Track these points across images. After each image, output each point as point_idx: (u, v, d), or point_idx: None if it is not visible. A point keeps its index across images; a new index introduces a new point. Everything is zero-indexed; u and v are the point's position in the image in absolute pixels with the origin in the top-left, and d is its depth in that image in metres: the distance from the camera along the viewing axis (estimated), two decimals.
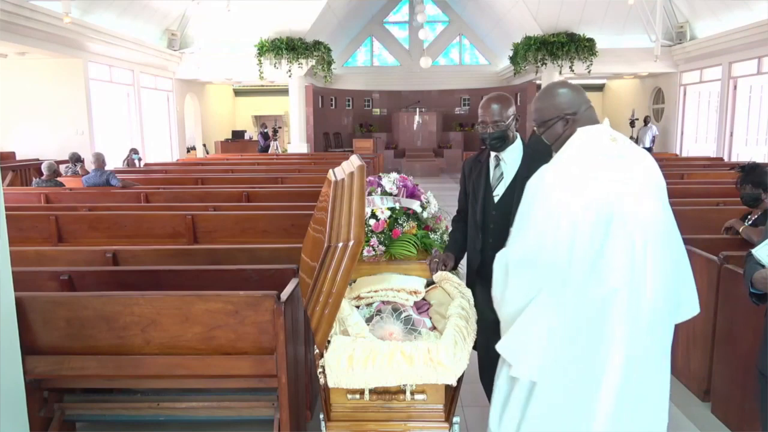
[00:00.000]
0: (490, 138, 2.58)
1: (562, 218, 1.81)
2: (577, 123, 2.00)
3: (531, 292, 1.87)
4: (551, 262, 1.83)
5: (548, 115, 2.05)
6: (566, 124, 2.02)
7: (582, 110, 2.02)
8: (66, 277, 3.16)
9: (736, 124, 12.92)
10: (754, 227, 3.71)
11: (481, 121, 2.58)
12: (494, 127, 2.55)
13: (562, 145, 2.02)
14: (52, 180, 7.44)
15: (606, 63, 14.54)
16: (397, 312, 2.50)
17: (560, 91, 2.05)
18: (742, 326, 2.88)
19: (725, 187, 6.21)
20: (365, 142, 16.72)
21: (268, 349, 2.64)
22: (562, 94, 2.04)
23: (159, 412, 2.97)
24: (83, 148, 10.65)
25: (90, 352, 2.67)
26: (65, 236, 5.18)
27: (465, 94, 19.40)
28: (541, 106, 2.07)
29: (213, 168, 10.12)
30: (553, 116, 2.03)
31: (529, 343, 1.87)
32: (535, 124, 2.10)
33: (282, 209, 5.41)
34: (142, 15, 12.98)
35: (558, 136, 2.05)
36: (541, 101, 2.08)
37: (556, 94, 2.05)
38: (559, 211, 1.81)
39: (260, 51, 14.74)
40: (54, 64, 11.28)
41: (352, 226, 2.01)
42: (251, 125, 21.82)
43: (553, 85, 2.10)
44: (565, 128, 2.02)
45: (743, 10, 11.60)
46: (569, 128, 2.01)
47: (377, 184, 3.08)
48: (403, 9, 19.29)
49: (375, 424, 2.29)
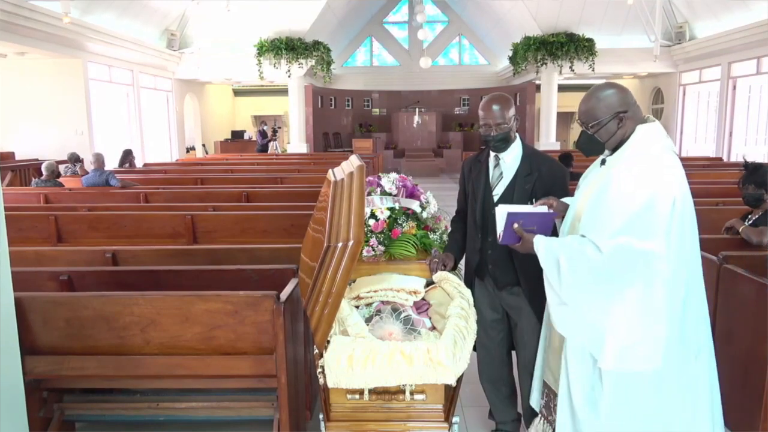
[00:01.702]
0: (494, 140, 2.59)
1: (676, 209, 1.95)
2: (629, 120, 2.10)
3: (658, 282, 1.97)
4: (675, 252, 1.97)
5: (601, 115, 2.11)
6: (620, 123, 2.10)
7: (632, 108, 2.11)
8: (65, 277, 3.16)
9: (735, 124, 12.93)
10: (754, 227, 3.71)
11: (484, 123, 2.59)
12: (498, 130, 2.57)
13: (616, 142, 2.13)
14: (51, 180, 7.43)
15: (605, 63, 14.53)
16: (397, 312, 2.50)
17: (610, 92, 2.13)
18: (742, 326, 2.88)
19: (725, 187, 6.21)
20: (365, 142, 16.72)
21: (268, 349, 2.64)
22: (613, 93, 2.12)
23: (159, 412, 2.97)
24: (83, 149, 10.65)
25: (89, 352, 2.67)
26: (65, 236, 5.17)
27: (464, 94, 19.40)
28: (593, 105, 2.13)
29: (212, 168, 10.12)
30: (606, 115, 2.10)
31: (654, 330, 1.97)
32: (585, 124, 2.16)
33: (282, 209, 5.40)
34: (141, 15, 12.98)
35: (612, 134, 2.12)
36: (592, 102, 2.14)
37: (606, 94, 2.12)
38: (670, 205, 1.95)
39: (260, 51, 14.73)
40: (53, 64, 11.27)
41: (351, 226, 2.01)
42: (251, 125, 21.81)
43: (601, 86, 2.17)
44: (619, 126, 2.10)
45: (742, 11, 11.60)
46: (623, 126, 2.10)
47: (377, 184, 3.08)
48: (403, 9, 19.28)
49: (374, 424, 2.29)
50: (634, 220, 1.95)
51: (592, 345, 2.05)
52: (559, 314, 2.13)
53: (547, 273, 2.11)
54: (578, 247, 2.04)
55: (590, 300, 2.03)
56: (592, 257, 1.99)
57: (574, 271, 2.03)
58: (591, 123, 2.14)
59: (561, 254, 2.06)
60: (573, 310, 2.07)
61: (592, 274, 2.00)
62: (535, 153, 2.72)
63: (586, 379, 2.10)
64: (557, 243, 2.13)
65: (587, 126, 2.15)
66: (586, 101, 2.17)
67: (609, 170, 2.12)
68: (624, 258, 1.95)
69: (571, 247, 2.06)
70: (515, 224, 2.22)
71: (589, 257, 1.99)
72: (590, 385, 2.09)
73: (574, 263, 2.03)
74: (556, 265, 2.06)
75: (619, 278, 1.97)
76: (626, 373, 2.02)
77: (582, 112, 2.18)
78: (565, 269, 2.04)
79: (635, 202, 1.95)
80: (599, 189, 2.09)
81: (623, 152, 2.11)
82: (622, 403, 2.04)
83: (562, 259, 2.05)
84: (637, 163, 2.02)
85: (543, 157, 2.73)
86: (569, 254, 2.05)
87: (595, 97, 2.14)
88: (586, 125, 2.16)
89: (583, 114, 2.17)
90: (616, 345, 1.99)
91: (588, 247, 2.01)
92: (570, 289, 2.05)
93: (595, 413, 2.07)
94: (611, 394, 2.04)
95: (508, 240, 2.25)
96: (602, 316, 2.01)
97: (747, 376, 2.86)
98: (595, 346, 2.04)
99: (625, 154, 2.10)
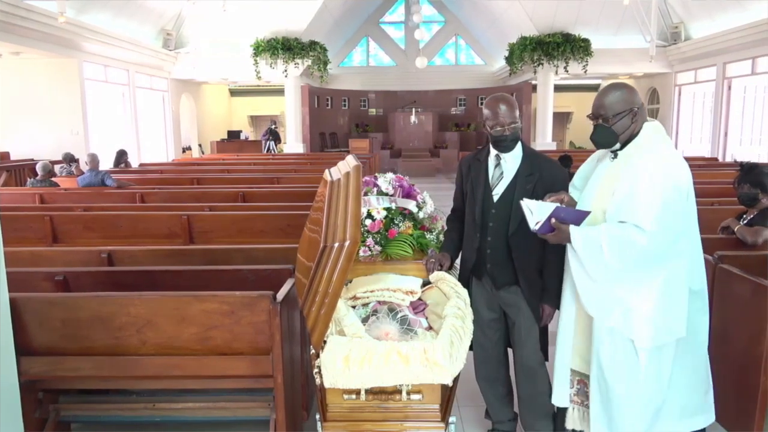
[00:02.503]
0: (508, 140, 2.60)
1: (689, 200, 2.21)
2: (639, 117, 2.27)
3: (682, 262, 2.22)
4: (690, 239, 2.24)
5: (619, 108, 2.25)
6: (633, 117, 2.26)
7: (641, 107, 2.28)
8: (61, 277, 3.15)
9: (730, 124, 12.97)
10: (749, 227, 3.73)
11: (496, 124, 2.58)
12: (510, 130, 2.58)
13: (627, 137, 2.28)
14: (46, 180, 7.41)
15: (601, 63, 14.57)
16: (393, 312, 2.50)
17: (625, 89, 2.29)
18: (737, 326, 2.89)
19: (720, 187, 6.23)
20: (361, 142, 16.71)
21: (264, 349, 2.63)
22: (627, 91, 2.29)
23: (155, 413, 2.96)
24: (78, 149, 10.61)
25: (85, 352, 2.66)
26: (60, 237, 5.16)
27: (461, 94, 19.42)
28: (613, 100, 2.26)
29: (209, 168, 10.10)
30: (624, 109, 2.25)
31: (680, 303, 2.20)
32: (603, 117, 2.28)
33: (278, 209, 5.40)
34: (137, 15, 12.94)
35: (626, 128, 2.27)
36: (610, 96, 2.27)
37: (622, 90, 2.28)
38: (686, 195, 2.19)
39: (256, 51, 14.71)
40: (49, 64, 11.23)
41: (348, 226, 2.02)
42: (247, 125, 21.78)
43: (616, 84, 2.33)
44: (633, 121, 2.26)
45: (737, 11, 11.64)
46: (635, 122, 2.26)
47: (373, 184, 3.08)
48: (399, 9, 19.30)
49: (371, 424, 2.29)
50: (668, 206, 2.12)
51: (629, 328, 2.22)
52: (593, 300, 2.28)
53: (587, 259, 2.21)
54: (621, 231, 2.17)
55: (630, 280, 2.20)
56: (638, 240, 2.13)
57: (615, 252, 2.15)
58: (610, 115, 2.26)
59: (604, 239, 2.17)
60: (609, 295, 2.23)
61: (639, 256, 2.14)
62: (535, 154, 2.72)
63: (620, 356, 2.26)
64: (594, 230, 2.22)
65: (606, 119, 2.27)
66: (604, 96, 2.29)
67: (628, 162, 2.25)
68: (664, 239, 2.13)
69: (614, 232, 2.18)
70: (552, 219, 2.27)
71: (635, 239, 2.13)
72: (623, 361, 2.26)
73: (619, 245, 2.15)
74: (599, 250, 2.17)
75: (657, 259, 2.16)
76: (657, 346, 2.21)
77: (599, 106, 2.30)
78: (609, 252, 2.16)
79: (666, 190, 2.13)
80: (628, 178, 2.21)
81: (636, 146, 2.27)
82: (654, 373, 2.24)
83: (606, 243, 2.16)
84: (660, 156, 2.20)
85: (543, 158, 2.74)
86: (613, 238, 2.16)
87: (613, 92, 2.28)
88: (604, 118, 2.27)
89: (601, 107, 2.29)
90: (650, 324, 2.18)
91: (632, 230, 2.15)
92: (611, 271, 2.19)
93: (629, 386, 2.25)
94: (646, 366, 2.23)
95: (544, 230, 2.30)
96: (639, 297, 2.19)
97: (743, 376, 2.86)
98: (631, 329, 2.22)
99: (640, 148, 2.25)
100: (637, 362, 2.24)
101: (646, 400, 2.26)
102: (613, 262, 2.17)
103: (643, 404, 2.26)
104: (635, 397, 2.26)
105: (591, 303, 2.29)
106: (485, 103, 2.66)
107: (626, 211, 2.19)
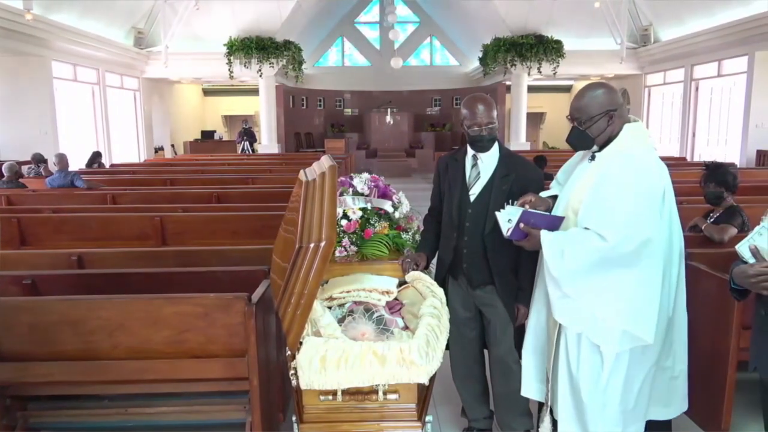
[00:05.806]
0: (485, 140, 2.61)
1: (665, 202, 2.19)
2: (617, 119, 2.24)
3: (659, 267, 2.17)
4: (665, 240, 2.18)
5: (594, 112, 2.23)
6: (609, 120, 2.23)
7: (620, 108, 2.25)
8: (29, 281, 3.07)
9: (698, 124, 13.29)
10: (715, 225, 3.82)
11: (474, 124, 2.59)
12: (488, 130, 2.59)
13: (605, 139, 2.26)
14: (13, 182, 7.22)
15: (573, 65, 14.76)
16: (370, 312, 2.51)
17: (602, 91, 2.26)
18: (706, 324, 2.96)
19: (688, 186, 6.36)
20: (337, 143, 16.66)
21: (240, 351, 2.61)
22: (604, 93, 2.26)
23: (127, 418, 2.90)
24: (47, 149, 10.34)
25: (55, 358, 2.60)
26: (28, 239, 5.04)
27: (436, 94, 19.51)
28: (587, 103, 2.25)
29: (182, 168, 9.96)
30: (599, 112, 2.23)
31: (649, 309, 2.15)
32: (578, 120, 2.27)
33: (253, 210, 5.35)
34: (108, 13, 12.68)
35: (602, 130, 2.25)
36: (586, 99, 2.26)
37: (599, 93, 2.26)
38: (661, 196, 2.18)
39: (230, 50, 14.55)
40: (15, 62, 10.93)
41: (323, 226, 2.01)
42: (221, 125, 21.52)
43: (593, 85, 2.30)
44: (609, 124, 2.24)
45: (705, 16, 11.93)
46: (612, 124, 2.24)
47: (349, 184, 3.08)
48: (374, 9, 19.28)
49: (348, 424, 2.29)
50: (634, 211, 2.10)
51: (594, 333, 2.21)
52: (561, 306, 2.25)
53: (550, 264, 2.20)
54: (582, 238, 2.16)
55: (592, 287, 2.17)
56: (598, 246, 2.11)
57: (576, 259, 2.14)
58: (584, 119, 2.24)
59: (566, 245, 2.17)
60: (574, 301, 2.20)
61: (596, 262, 2.13)
62: (511, 154, 2.75)
63: (586, 360, 2.25)
64: (562, 236, 2.23)
65: (580, 122, 2.25)
66: (580, 98, 2.28)
67: (601, 165, 2.24)
68: (627, 246, 2.09)
69: (575, 239, 2.18)
70: (521, 224, 2.27)
71: (594, 247, 2.12)
72: (590, 364, 2.25)
73: (578, 252, 2.14)
74: (561, 255, 2.16)
75: (622, 265, 2.12)
76: (623, 350, 2.19)
77: (575, 109, 2.29)
78: (569, 258, 2.15)
79: (633, 194, 2.11)
80: (596, 183, 2.21)
81: (613, 148, 2.24)
82: (619, 376, 2.22)
83: (567, 249, 2.16)
84: (630, 159, 2.17)
85: (519, 158, 2.77)
86: (573, 245, 2.16)
87: (589, 95, 2.26)
88: (579, 121, 2.26)
89: (576, 110, 2.28)
90: (617, 330, 2.16)
91: (593, 237, 2.13)
92: (572, 278, 2.17)
93: (596, 387, 2.24)
94: (610, 369, 2.21)
95: (517, 236, 2.31)
96: (604, 303, 2.16)
97: (711, 373, 2.93)
98: (597, 334, 2.20)
99: (616, 151, 2.23)
100: (602, 367, 2.23)
101: (615, 404, 2.24)
102: (573, 267, 2.15)
103: (613, 408, 2.24)
104: (603, 401, 2.24)
105: (559, 309, 2.27)
106: (463, 103, 2.67)
107: (591, 217, 2.19)
